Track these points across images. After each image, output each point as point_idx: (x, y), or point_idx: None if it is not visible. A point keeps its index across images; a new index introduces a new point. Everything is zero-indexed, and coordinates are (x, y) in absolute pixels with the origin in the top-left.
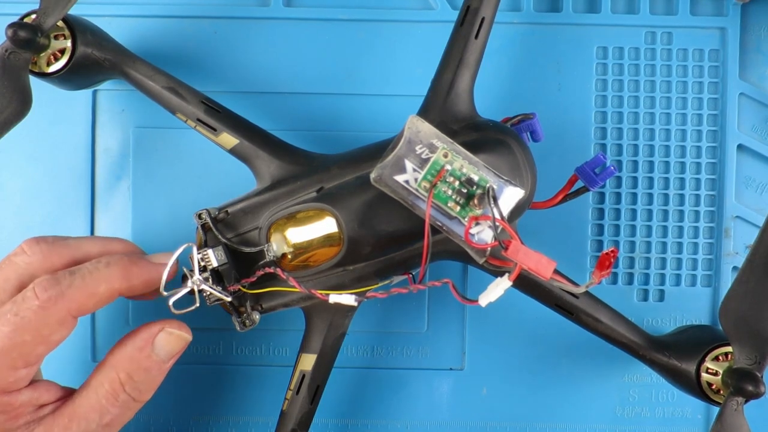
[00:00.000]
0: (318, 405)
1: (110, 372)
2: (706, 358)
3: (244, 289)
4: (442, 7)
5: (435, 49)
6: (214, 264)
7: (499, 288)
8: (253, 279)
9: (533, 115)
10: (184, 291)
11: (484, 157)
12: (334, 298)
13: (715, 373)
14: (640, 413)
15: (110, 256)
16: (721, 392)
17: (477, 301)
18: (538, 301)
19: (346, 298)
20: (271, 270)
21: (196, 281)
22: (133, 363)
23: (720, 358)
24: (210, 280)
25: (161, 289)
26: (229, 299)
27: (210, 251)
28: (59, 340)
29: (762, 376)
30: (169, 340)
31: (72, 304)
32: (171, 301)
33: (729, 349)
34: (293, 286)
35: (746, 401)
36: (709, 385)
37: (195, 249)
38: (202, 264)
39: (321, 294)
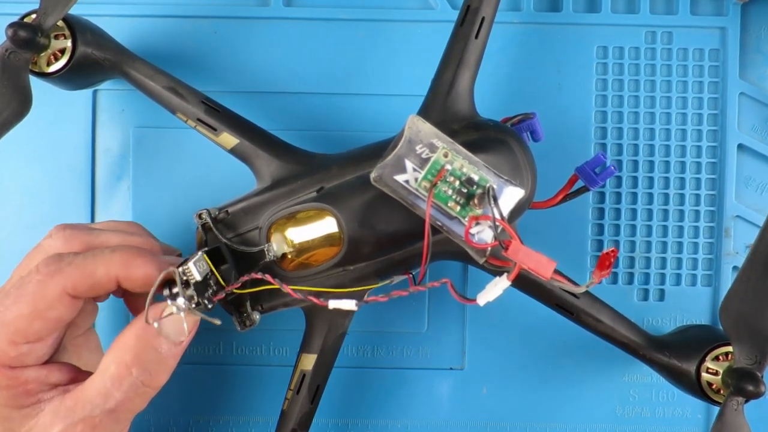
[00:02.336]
0: (318, 405)
1: (117, 353)
2: (707, 358)
3: (238, 291)
4: (442, 7)
5: (435, 49)
6: (197, 278)
7: (497, 288)
8: (238, 285)
9: (533, 114)
10: (167, 312)
11: (484, 157)
12: (334, 303)
13: (716, 373)
14: (640, 413)
15: (120, 245)
16: (722, 392)
17: (475, 300)
18: (538, 301)
19: (347, 303)
20: (259, 276)
21: (180, 306)
22: (140, 342)
23: (720, 357)
24: (195, 297)
25: (145, 319)
26: (218, 323)
27: (191, 264)
28: (56, 317)
29: (762, 376)
30: (177, 318)
31: (68, 281)
32: (156, 325)
33: (729, 348)
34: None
35: (746, 401)
36: (710, 384)
37: (177, 271)
38: (185, 278)
39: (320, 301)
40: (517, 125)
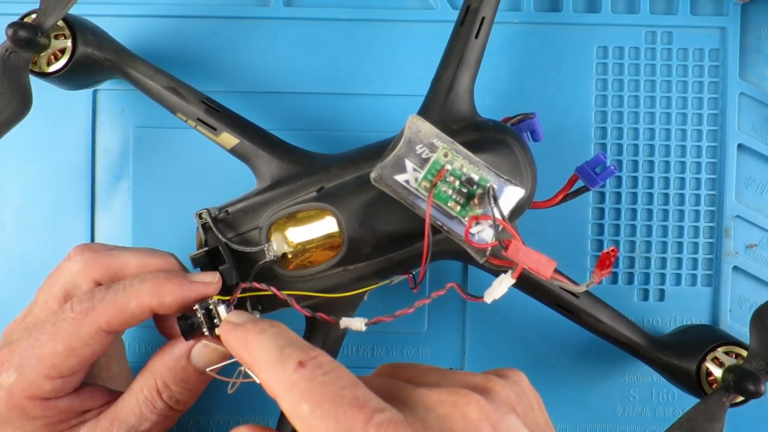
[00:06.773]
0: None
1: (149, 379)
2: (707, 358)
3: (243, 294)
4: (442, 7)
5: (435, 49)
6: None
7: (503, 285)
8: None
9: (533, 114)
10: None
11: (484, 157)
12: (345, 323)
13: (718, 367)
14: (640, 413)
15: (148, 273)
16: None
17: (482, 298)
18: (538, 301)
19: (356, 324)
20: (263, 287)
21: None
22: (170, 373)
23: (720, 357)
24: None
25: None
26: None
27: (222, 307)
28: (90, 354)
29: (764, 382)
30: (205, 353)
31: (102, 319)
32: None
33: (729, 348)
34: (298, 290)
35: (745, 401)
36: (710, 384)
37: (216, 304)
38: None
39: (330, 318)
40: (517, 125)
